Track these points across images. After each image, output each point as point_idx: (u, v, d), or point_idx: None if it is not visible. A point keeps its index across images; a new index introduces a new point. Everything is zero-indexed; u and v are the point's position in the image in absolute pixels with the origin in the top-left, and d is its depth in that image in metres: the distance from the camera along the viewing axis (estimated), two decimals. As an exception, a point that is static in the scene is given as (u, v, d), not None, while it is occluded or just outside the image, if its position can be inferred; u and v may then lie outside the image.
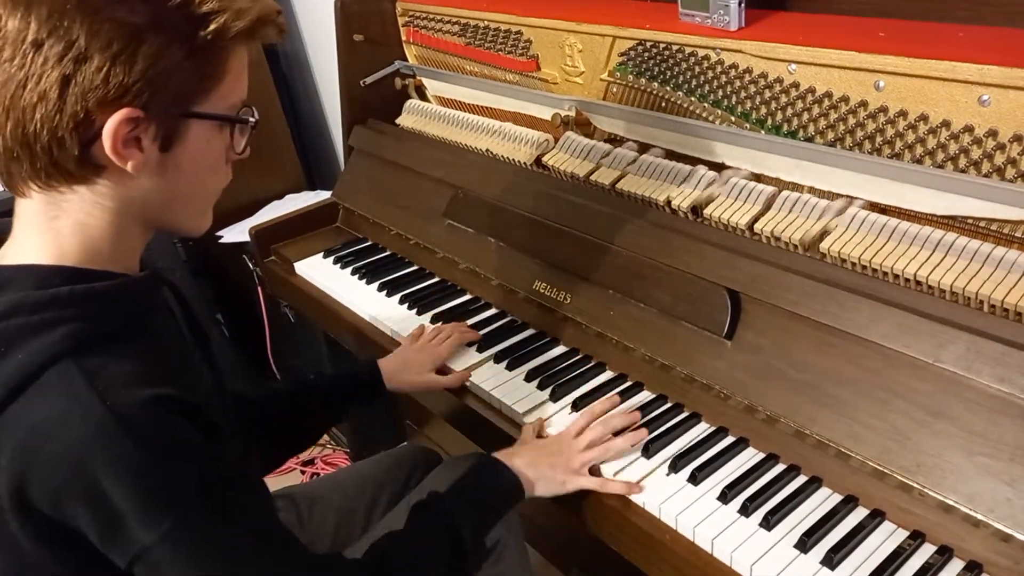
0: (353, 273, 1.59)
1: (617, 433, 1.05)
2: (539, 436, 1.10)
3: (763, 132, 1.17)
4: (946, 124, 0.98)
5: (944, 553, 0.85)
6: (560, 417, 1.13)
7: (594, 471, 1.03)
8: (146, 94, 0.68)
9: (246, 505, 0.75)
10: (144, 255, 0.81)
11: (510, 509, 1.02)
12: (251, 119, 0.79)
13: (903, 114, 1.02)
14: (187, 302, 0.90)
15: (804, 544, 0.88)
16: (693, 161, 1.26)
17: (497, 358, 1.27)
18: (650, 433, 1.06)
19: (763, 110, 1.17)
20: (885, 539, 0.89)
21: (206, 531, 0.69)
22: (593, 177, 1.33)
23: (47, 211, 0.73)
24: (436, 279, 1.53)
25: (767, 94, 1.15)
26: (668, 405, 1.12)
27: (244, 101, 0.79)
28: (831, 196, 1.11)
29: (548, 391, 1.18)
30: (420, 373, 1.24)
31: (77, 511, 0.66)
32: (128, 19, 0.67)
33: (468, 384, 1.24)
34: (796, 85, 1.12)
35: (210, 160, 0.78)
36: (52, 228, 0.73)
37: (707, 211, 1.16)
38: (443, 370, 1.27)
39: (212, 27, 0.70)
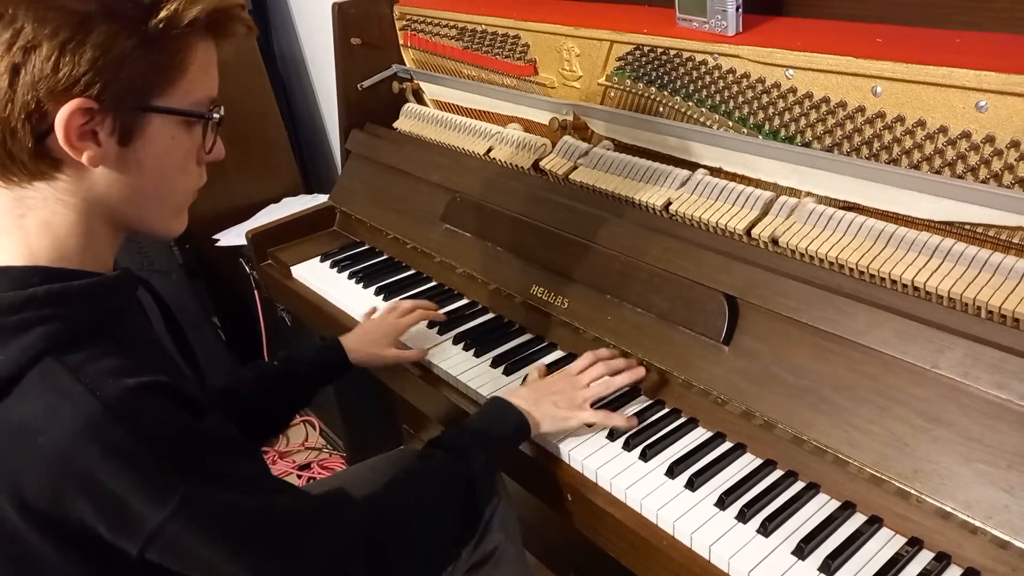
0: (350, 277, 1.59)
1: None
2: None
3: (760, 137, 1.17)
4: (943, 130, 0.98)
5: (942, 560, 0.85)
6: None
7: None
8: (98, 84, 0.67)
9: (248, 469, 0.76)
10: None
11: (517, 446, 1.05)
12: (215, 116, 0.78)
13: (900, 120, 1.02)
14: (164, 302, 0.90)
15: (802, 550, 0.88)
16: (691, 166, 1.26)
17: (494, 362, 1.26)
18: (648, 438, 1.06)
19: (760, 115, 1.17)
20: (883, 546, 0.88)
21: (216, 497, 0.70)
22: (590, 181, 1.33)
23: (13, 209, 0.72)
24: (433, 283, 1.52)
25: (764, 99, 1.15)
26: (665, 410, 1.12)
27: (214, 99, 0.78)
28: (828, 201, 1.10)
29: (545, 396, 1.17)
30: (381, 348, 1.27)
31: (79, 505, 0.66)
32: (76, 7, 0.66)
33: (465, 388, 1.24)
34: (793, 90, 1.12)
35: (176, 158, 0.77)
36: (20, 227, 0.73)
37: (704, 216, 1.16)
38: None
39: (162, 15, 0.69)
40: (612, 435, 1.07)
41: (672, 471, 1.01)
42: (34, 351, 0.67)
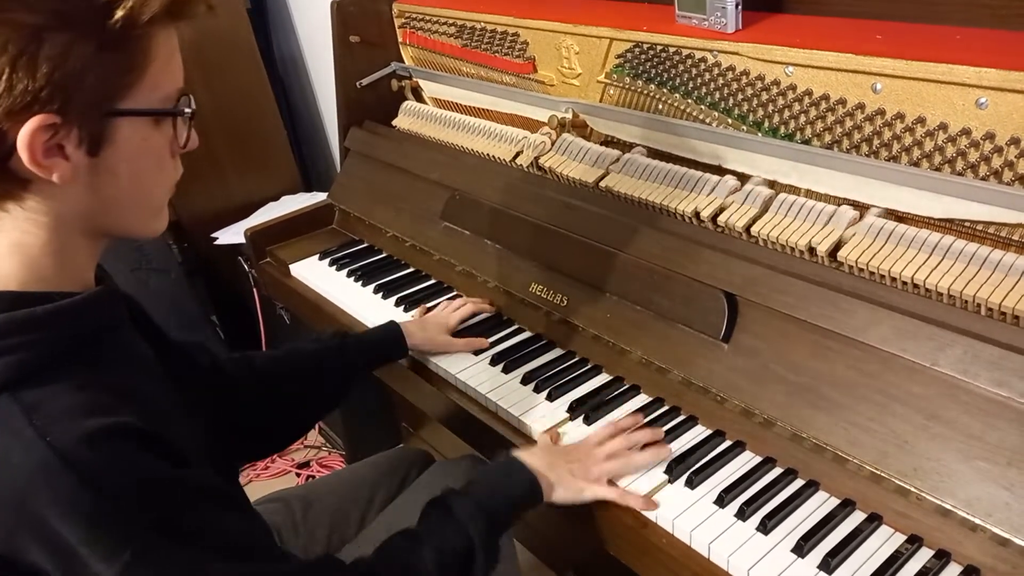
0: (349, 275, 1.59)
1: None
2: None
3: (760, 134, 1.17)
4: (943, 127, 0.98)
5: (942, 557, 0.85)
6: (555, 419, 1.13)
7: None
8: (59, 98, 0.63)
9: (216, 524, 0.70)
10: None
11: (527, 512, 0.97)
12: (187, 110, 0.73)
13: (900, 117, 1.01)
14: (147, 316, 0.86)
15: (801, 548, 0.88)
16: (690, 163, 1.26)
17: (493, 361, 1.26)
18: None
19: (760, 112, 1.16)
20: (883, 543, 0.88)
21: (169, 558, 0.65)
22: (590, 179, 1.33)
23: None
24: (432, 281, 1.52)
25: (764, 96, 1.15)
26: (665, 408, 1.12)
27: (181, 89, 0.72)
28: (828, 199, 1.10)
29: (544, 394, 1.17)
30: (435, 335, 1.29)
31: (31, 549, 0.63)
32: (23, 19, 0.61)
33: (464, 387, 1.23)
34: (793, 87, 1.12)
35: (150, 158, 0.72)
36: None
37: (704, 213, 1.16)
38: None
39: (119, 14, 0.64)
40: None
41: (671, 469, 1.00)
42: None
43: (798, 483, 0.97)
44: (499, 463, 1.00)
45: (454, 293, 1.47)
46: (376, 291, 1.51)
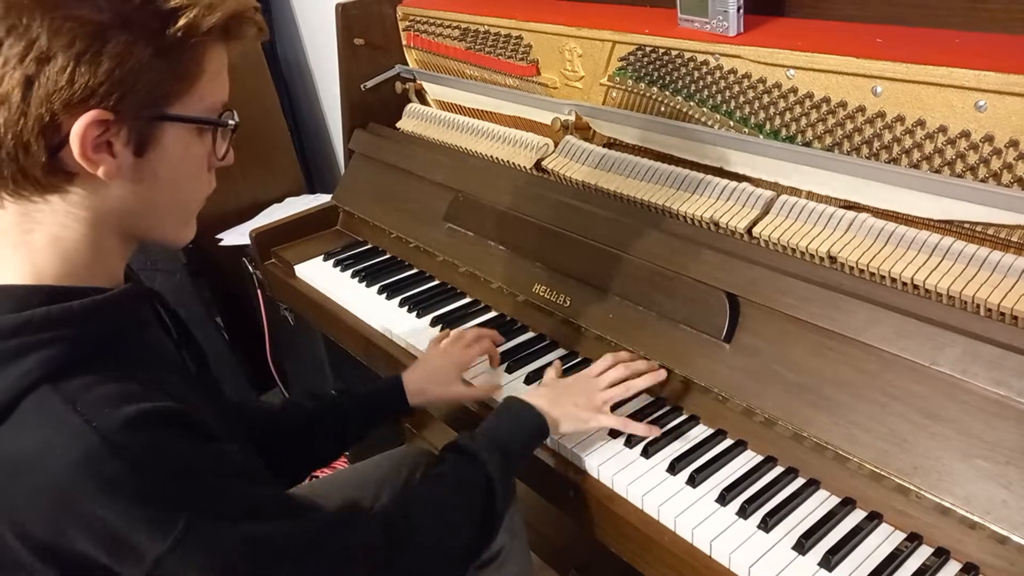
0: (353, 276, 1.60)
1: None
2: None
3: (761, 136, 1.18)
4: (943, 129, 0.99)
5: (941, 555, 0.86)
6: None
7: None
8: (115, 95, 0.66)
9: (252, 493, 0.74)
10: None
11: (536, 448, 1.03)
12: (231, 122, 0.77)
13: (900, 119, 1.02)
14: (176, 314, 0.88)
15: (802, 546, 0.89)
16: (692, 165, 1.27)
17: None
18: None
19: (761, 115, 1.17)
20: (883, 541, 0.89)
21: (220, 526, 0.68)
22: (592, 181, 1.34)
23: (20, 224, 0.70)
24: (436, 282, 1.53)
25: (765, 99, 1.16)
26: (666, 408, 1.12)
27: (225, 104, 0.76)
28: (829, 200, 1.11)
29: (547, 393, 1.18)
30: (446, 385, 1.20)
31: (78, 536, 0.64)
32: (91, 16, 0.64)
33: (468, 386, 1.24)
34: (794, 90, 1.13)
35: (190, 166, 0.75)
36: (26, 243, 0.70)
37: (705, 215, 1.17)
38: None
39: (181, 23, 0.68)
40: (614, 432, 1.08)
41: (673, 467, 1.01)
42: (30, 379, 0.65)
43: (799, 482, 0.98)
44: (505, 406, 1.04)
45: (466, 300, 1.48)
46: (380, 292, 1.52)
